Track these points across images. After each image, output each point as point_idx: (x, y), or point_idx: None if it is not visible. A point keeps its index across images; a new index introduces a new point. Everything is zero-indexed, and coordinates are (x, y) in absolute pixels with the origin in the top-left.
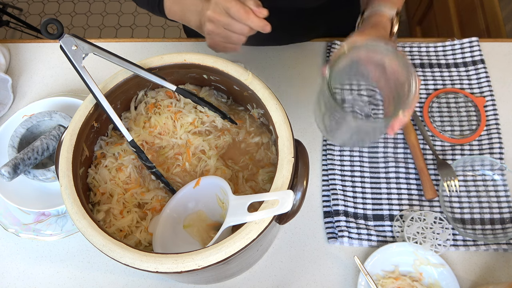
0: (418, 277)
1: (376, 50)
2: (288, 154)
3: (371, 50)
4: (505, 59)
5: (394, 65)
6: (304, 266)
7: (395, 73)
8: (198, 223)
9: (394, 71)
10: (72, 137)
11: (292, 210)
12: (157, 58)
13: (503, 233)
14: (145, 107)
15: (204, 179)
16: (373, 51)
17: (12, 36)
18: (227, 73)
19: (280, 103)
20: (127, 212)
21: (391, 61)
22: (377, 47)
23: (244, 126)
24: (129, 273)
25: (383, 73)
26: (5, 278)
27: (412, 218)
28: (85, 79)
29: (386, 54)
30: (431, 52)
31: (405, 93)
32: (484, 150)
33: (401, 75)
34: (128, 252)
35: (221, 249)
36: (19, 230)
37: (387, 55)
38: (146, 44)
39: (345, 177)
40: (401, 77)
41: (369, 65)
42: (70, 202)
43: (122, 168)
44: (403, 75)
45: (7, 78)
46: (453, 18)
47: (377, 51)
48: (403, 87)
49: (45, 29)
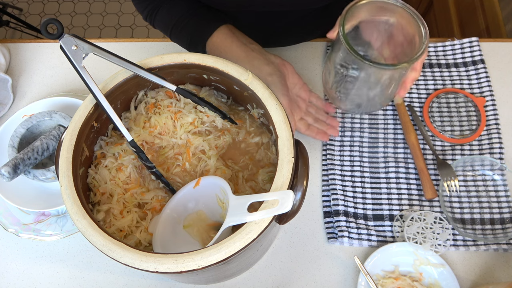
0: (418, 277)
1: (386, 6)
2: (288, 154)
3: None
4: (505, 59)
5: (401, 20)
6: (304, 266)
7: (403, 28)
8: (198, 223)
9: (402, 27)
10: (72, 137)
11: (292, 210)
12: (157, 58)
13: (503, 233)
14: (145, 107)
15: (204, 179)
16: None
17: (12, 36)
18: (227, 73)
19: (280, 103)
20: (127, 212)
21: (398, 16)
22: (386, 3)
23: (244, 126)
24: (129, 273)
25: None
26: (5, 278)
27: (412, 218)
28: (85, 79)
29: (394, 9)
30: (431, 52)
31: (414, 45)
32: (484, 150)
33: (410, 28)
34: (128, 252)
35: (221, 249)
36: (19, 230)
37: (395, 10)
38: (146, 44)
39: (345, 177)
40: (409, 30)
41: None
42: (70, 202)
43: (122, 168)
44: (412, 27)
45: (7, 78)
46: (453, 18)
47: (386, 7)
48: (410, 42)
49: (45, 29)
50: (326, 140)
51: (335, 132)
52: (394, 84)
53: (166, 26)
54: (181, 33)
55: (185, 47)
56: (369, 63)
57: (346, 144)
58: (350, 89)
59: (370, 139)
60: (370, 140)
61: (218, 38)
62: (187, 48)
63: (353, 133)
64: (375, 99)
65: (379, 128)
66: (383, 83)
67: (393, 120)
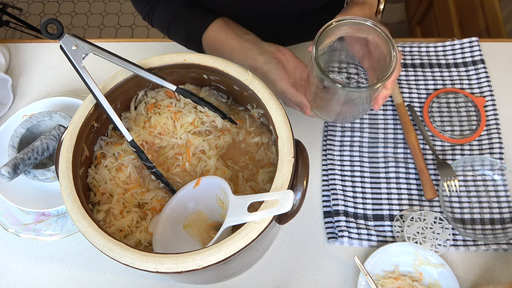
0: (418, 277)
1: (359, 27)
2: (288, 154)
3: (354, 27)
4: (505, 59)
5: (376, 40)
6: (304, 266)
7: (378, 47)
8: (198, 223)
9: (377, 45)
10: (72, 137)
11: (292, 210)
12: (157, 58)
13: (503, 233)
14: (145, 107)
15: (204, 179)
16: (356, 28)
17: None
18: (227, 73)
19: (280, 103)
20: (127, 212)
21: (373, 36)
22: (359, 24)
23: (244, 126)
24: (129, 273)
25: (367, 50)
26: (5, 278)
27: (412, 218)
28: (85, 79)
29: (368, 29)
30: (431, 52)
31: (387, 64)
32: (484, 150)
33: (383, 48)
34: (128, 252)
35: (221, 249)
36: (19, 230)
37: (369, 30)
38: (146, 44)
39: (345, 177)
40: (384, 50)
41: (354, 43)
42: (70, 202)
43: (122, 168)
44: (385, 48)
45: (7, 78)
46: (453, 18)
47: (360, 28)
48: (385, 59)
49: (45, 29)
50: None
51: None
52: (367, 101)
53: (164, 24)
54: (178, 29)
55: (182, 43)
56: (340, 87)
57: (346, 144)
58: (328, 102)
59: (370, 139)
60: (370, 140)
61: (213, 31)
62: (185, 44)
63: (353, 133)
64: (351, 112)
65: (379, 128)
66: (356, 101)
67: (393, 120)
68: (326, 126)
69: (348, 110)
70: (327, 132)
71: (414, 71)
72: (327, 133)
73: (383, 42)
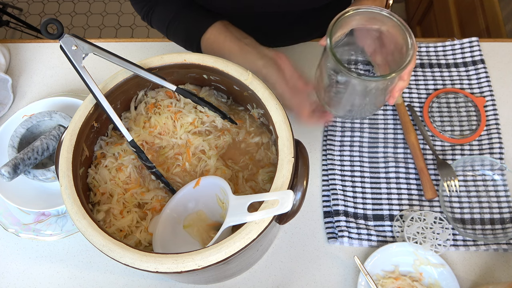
0: (418, 277)
1: (375, 16)
2: (288, 154)
3: (369, 16)
4: (505, 59)
5: (391, 30)
6: (304, 266)
7: (392, 38)
8: (198, 223)
9: (392, 36)
10: (72, 137)
11: (292, 210)
12: (157, 58)
13: (503, 233)
14: (145, 107)
15: (204, 179)
16: (371, 18)
17: (12, 36)
18: (227, 73)
19: (280, 103)
20: (127, 212)
21: (388, 26)
22: (375, 13)
23: (244, 126)
24: (129, 273)
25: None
26: (5, 278)
27: (412, 218)
28: (85, 79)
29: (384, 19)
30: (431, 52)
31: (403, 54)
32: (484, 150)
33: (399, 38)
34: (128, 252)
35: (221, 249)
36: (19, 230)
37: (385, 20)
38: (146, 44)
39: (345, 177)
40: (399, 39)
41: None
42: (70, 202)
43: (122, 168)
44: (401, 38)
45: (7, 78)
46: (453, 18)
47: (375, 17)
48: (401, 51)
49: (45, 29)
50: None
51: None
52: (382, 93)
53: (163, 24)
54: (177, 30)
55: (181, 44)
56: (356, 76)
57: (346, 144)
58: (340, 96)
59: (370, 139)
60: (370, 140)
61: (212, 34)
62: (183, 44)
63: (353, 133)
64: (365, 106)
65: (379, 128)
66: (371, 92)
67: (393, 120)
68: (326, 126)
69: (361, 104)
70: (327, 132)
71: (414, 71)
72: (327, 133)
73: (399, 31)
